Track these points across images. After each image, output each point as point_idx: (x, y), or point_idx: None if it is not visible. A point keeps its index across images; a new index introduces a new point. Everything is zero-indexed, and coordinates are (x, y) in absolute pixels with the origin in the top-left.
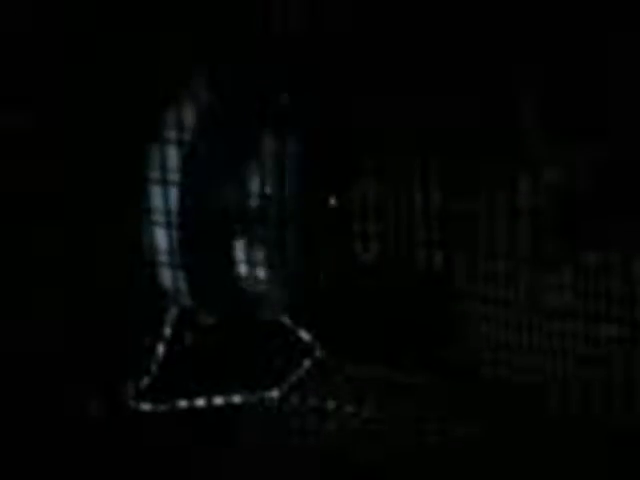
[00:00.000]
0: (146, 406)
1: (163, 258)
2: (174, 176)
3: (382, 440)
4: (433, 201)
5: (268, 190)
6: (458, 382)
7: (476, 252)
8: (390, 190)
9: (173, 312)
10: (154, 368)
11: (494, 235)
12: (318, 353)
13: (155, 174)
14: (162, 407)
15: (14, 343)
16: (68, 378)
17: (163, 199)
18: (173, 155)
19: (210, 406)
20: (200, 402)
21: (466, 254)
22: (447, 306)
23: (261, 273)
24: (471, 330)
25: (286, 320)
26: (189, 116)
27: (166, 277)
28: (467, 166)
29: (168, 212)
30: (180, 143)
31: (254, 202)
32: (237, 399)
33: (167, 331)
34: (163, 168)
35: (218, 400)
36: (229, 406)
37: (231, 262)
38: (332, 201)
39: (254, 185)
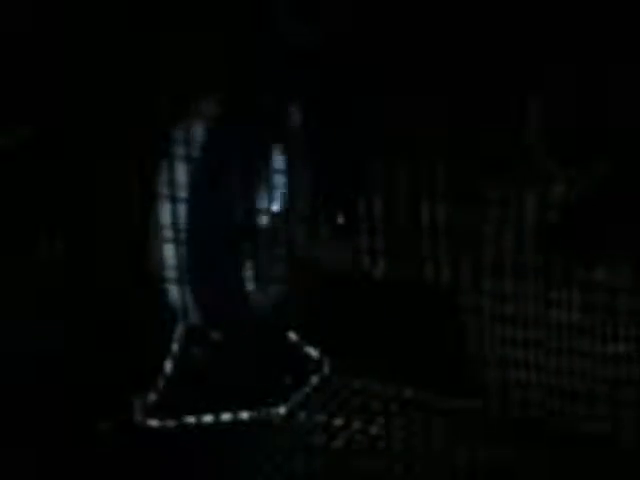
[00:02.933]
0: (154, 422)
1: (171, 274)
2: (183, 192)
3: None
4: (439, 215)
5: (276, 207)
6: (466, 399)
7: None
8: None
9: (181, 328)
10: (162, 384)
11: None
12: (326, 369)
13: (164, 190)
14: (170, 423)
15: (22, 359)
16: (77, 394)
17: (171, 215)
18: (182, 171)
19: (217, 422)
20: (207, 418)
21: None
22: (454, 321)
23: (269, 290)
24: (478, 346)
25: (294, 337)
26: (198, 132)
27: (174, 294)
28: (474, 181)
29: (176, 228)
30: (189, 159)
31: (262, 219)
32: (244, 415)
33: (175, 347)
34: (172, 184)
35: (225, 416)
36: (237, 422)
37: (239, 279)
38: (340, 219)
39: (262, 202)
